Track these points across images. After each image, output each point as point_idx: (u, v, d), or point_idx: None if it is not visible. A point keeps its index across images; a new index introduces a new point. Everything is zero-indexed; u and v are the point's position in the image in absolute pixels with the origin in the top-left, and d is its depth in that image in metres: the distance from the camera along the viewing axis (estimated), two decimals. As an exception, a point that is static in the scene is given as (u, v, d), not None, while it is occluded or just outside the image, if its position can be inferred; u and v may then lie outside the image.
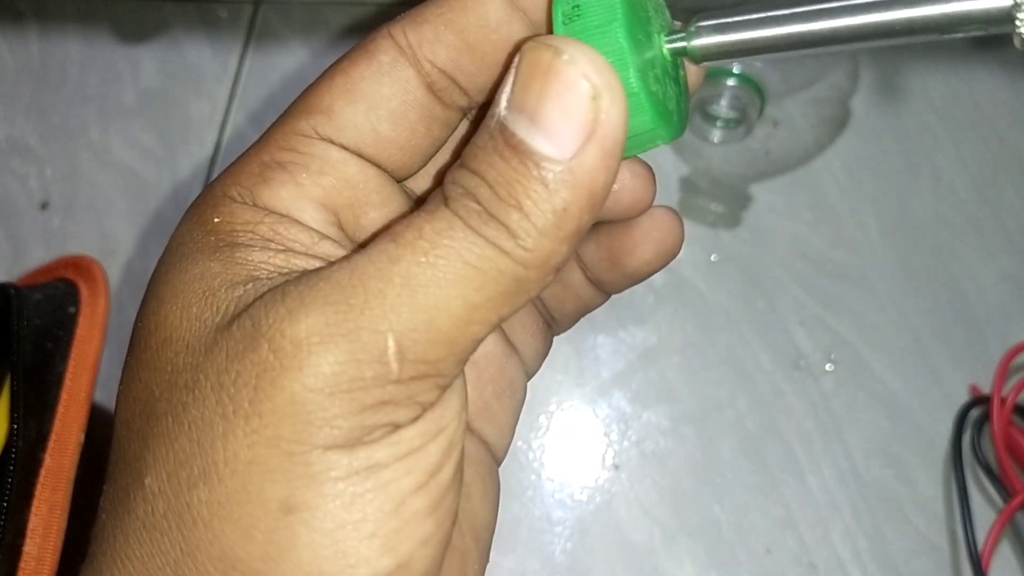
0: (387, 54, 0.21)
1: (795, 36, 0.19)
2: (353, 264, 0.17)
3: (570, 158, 0.17)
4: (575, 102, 0.17)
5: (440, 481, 0.18)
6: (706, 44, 0.20)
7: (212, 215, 0.20)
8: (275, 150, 0.21)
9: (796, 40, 0.19)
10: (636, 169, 0.24)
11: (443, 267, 0.17)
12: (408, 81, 0.21)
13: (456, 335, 0.17)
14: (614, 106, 0.17)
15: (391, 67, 0.21)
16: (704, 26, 0.19)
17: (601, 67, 0.17)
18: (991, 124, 0.46)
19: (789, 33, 0.19)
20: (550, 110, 0.17)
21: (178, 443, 0.17)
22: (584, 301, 0.28)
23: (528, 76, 0.17)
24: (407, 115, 0.21)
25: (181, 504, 0.17)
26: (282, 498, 0.17)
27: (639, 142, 0.19)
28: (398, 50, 0.21)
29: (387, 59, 0.21)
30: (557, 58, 0.17)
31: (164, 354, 0.18)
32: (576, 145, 0.17)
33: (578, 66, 0.17)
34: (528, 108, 0.17)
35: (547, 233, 0.17)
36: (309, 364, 0.16)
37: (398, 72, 0.21)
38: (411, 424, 0.18)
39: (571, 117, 0.17)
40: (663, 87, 0.20)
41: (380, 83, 0.21)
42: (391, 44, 0.21)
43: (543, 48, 0.17)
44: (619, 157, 0.18)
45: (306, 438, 0.17)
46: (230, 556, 0.17)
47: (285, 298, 0.17)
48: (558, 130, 0.17)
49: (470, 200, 0.17)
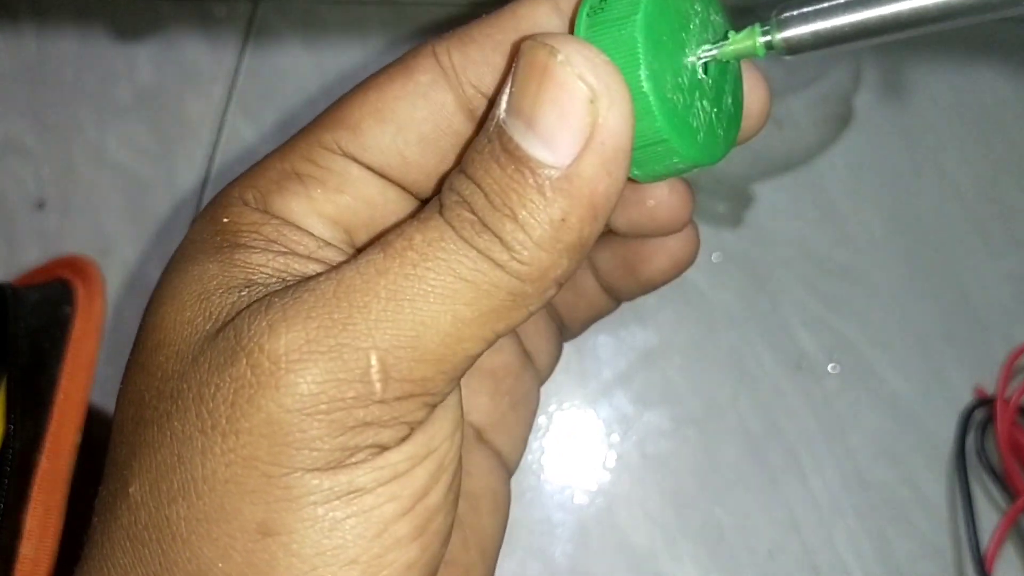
0: (426, 74, 0.19)
1: (893, 17, 0.16)
2: (340, 275, 0.17)
3: (568, 165, 0.16)
4: (571, 105, 0.16)
5: (428, 505, 0.17)
6: (795, 35, 0.17)
7: (222, 215, 0.20)
8: (296, 159, 0.20)
9: (894, 21, 0.16)
10: (674, 185, 0.23)
11: (432, 280, 0.16)
12: (445, 105, 0.19)
13: (445, 353, 0.16)
14: (613, 109, 0.16)
15: (429, 88, 0.19)
16: (790, 16, 0.17)
17: (600, 67, 0.16)
18: (996, 122, 0.46)
19: (886, 14, 0.16)
20: (546, 114, 0.16)
21: (160, 454, 0.17)
22: (596, 308, 0.28)
23: (525, 78, 0.16)
24: (439, 142, 0.20)
25: (161, 517, 0.17)
26: (260, 520, 0.16)
27: (654, 156, 0.18)
28: (439, 71, 0.19)
29: (426, 79, 0.19)
30: (552, 58, 0.16)
31: (156, 358, 0.18)
32: (574, 151, 0.16)
33: (574, 66, 0.16)
34: (524, 111, 0.16)
35: (544, 245, 0.16)
36: (286, 383, 0.16)
37: (436, 95, 0.19)
38: (398, 446, 0.17)
39: (567, 121, 0.16)
40: (687, 98, 0.18)
41: (414, 105, 0.19)
42: (432, 64, 0.19)
43: (539, 47, 0.16)
44: (624, 165, 0.16)
45: (284, 460, 0.16)
46: (207, 574, 0.16)
47: (268, 310, 0.16)
48: (554, 135, 0.16)
49: (465, 209, 0.16)
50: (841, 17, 0.17)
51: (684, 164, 0.18)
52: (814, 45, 0.17)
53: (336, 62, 0.48)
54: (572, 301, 0.28)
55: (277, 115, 0.47)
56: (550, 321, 0.28)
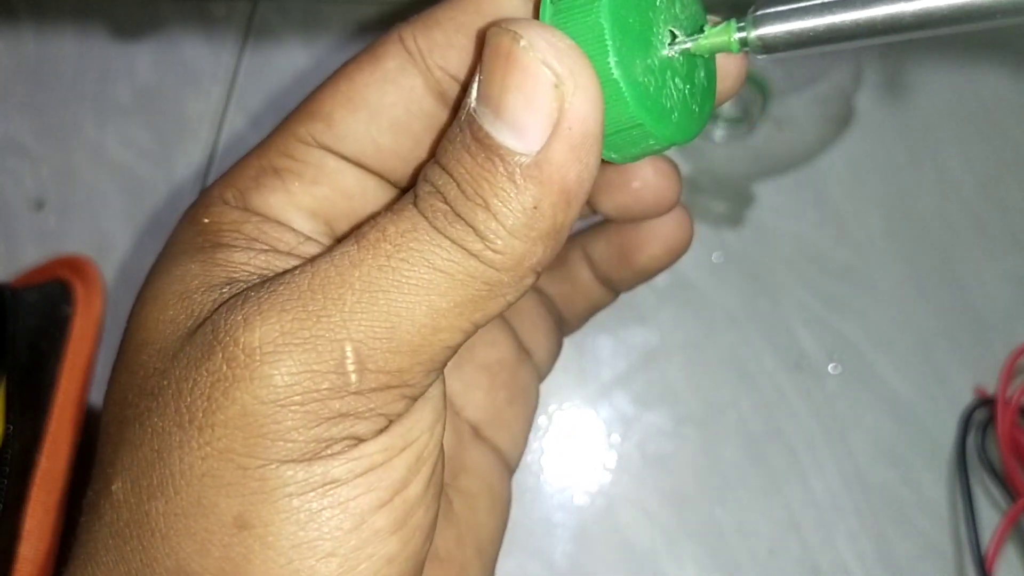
0: (394, 59, 0.20)
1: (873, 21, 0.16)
2: (315, 267, 0.17)
3: (537, 152, 0.16)
4: (536, 91, 0.16)
5: (406, 498, 0.17)
6: (771, 34, 0.17)
7: (203, 216, 0.20)
8: (273, 155, 0.20)
9: (874, 26, 0.16)
10: (659, 166, 0.23)
11: (406, 271, 0.16)
12: (414, 89, 0.20)
13: (421, 343, 0.16)
14: (579, 93, 0.16)
15: (397, 74, 0.19)
16: (766, 14, 0.17)
17: (563, 51, 0.16)
18: (996, 122, 0.46)
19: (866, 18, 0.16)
20: (512, 100, 0.16)
21: (141, 451, 0.17)
22: (593, 300, 0.28)
23: (490, 65, 0.16)
24: (411, 125, 0.20)
25: (141, 513, 0.17)
26: (236, 513, 0.16)
27: (629, 140, 0.18)
28: (406, 56, 0.19)
29: (393, 65, 0.20)
30: (515, 43, 0.16)
31: (139, 357, 0.18)
32: (542, 137, 0.16)
33: (537, 51, 0.16)
34: (492, 99, 0.16)
35: (517, 233, 0.16)
36: (261, 375, 0.16)
37: (404, 80, 0.20)
38: (374, 438, 0.17)
39: (533, 107, 0.16)
40: (658, 80, 0.18)
41: (384, 91, 0.20)
42: (399, 49, 0.20)
43: (502, 34, 0.16)
44: (594, 150, 0.16)
45: (259, 452, 0.16)
46: (185, 570, 0.16)
47: (244, 304, 0.16)
48: (522, 122, 0.16)
49: (438, 199, 0.16)
50: (818, 19, 0.17)
51: (661, 144, 0.18)
52: (789, 45, 0.17)
53: (336, 62, 0.47)
54: (568, 294, 0.28)
55: (276, 114, 0.47)
56: (547, 315, 0.28)
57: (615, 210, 0.24)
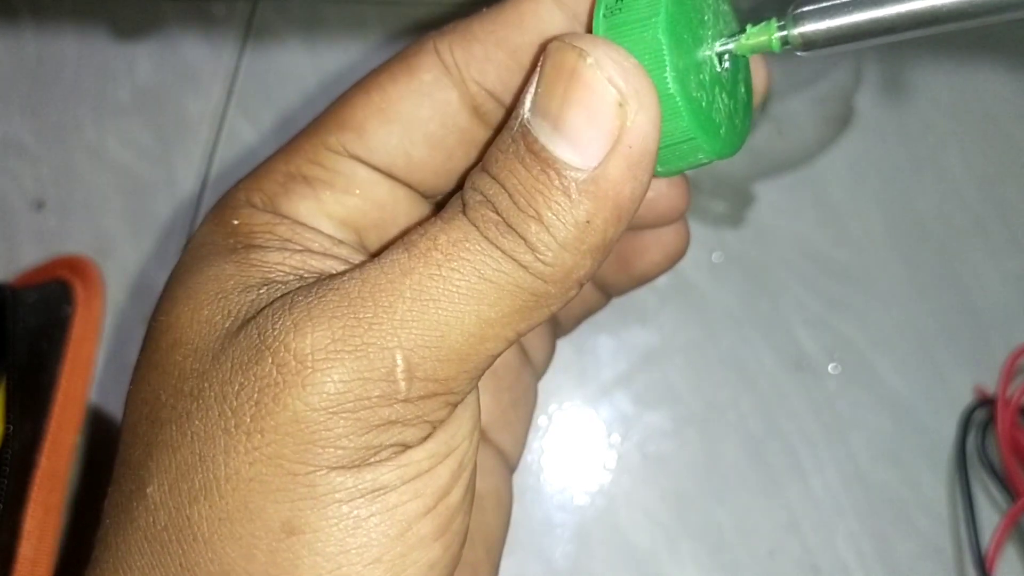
0: (430, 72, 0.19)
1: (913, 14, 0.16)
2: (364, 274, 0.17)
3: (594, 167, 0.16)
4: (600, 108, 0.16)
5: (449, 504, 0.17)
6: (811, 31, 0.17)
7: (231, 217, 0.20)
8: (302, 162, 0.20)
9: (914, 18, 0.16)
10: (673, 177, 0.24)
11: (457, 281, 0.16)
12: (449, 104, 0.19)
13: (469, 352, 0.16)
14: (642, 113, 0.16)
15: (432, 87, 0.19)
16: (807, 11, 0.17)
17: (629, 70, 0.16)
18: (996, 122, 0.46)
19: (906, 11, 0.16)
20: (574, 116, 0.16)
21: (180, 454, 0.17)
22: (588, 304, 0.28)
23: (552, 79, 0.16)
24: (445, 140, 0.20)
25: (182, 518, 0.17)
26: (284, 519, 0.16)
27: (678, 154, 0.18)
28: (442, 68, 0.19)
29: (429, 78, 0.19)
30: (581, 60, 0.16)
31: (172, 357, 0.18)
32: (601, 154, 0.16)
33: (604, 69, 0.16)
34: (551, 113, 0.16)
35: (568, 246, 0.16)
36: (313, 381, 0.16)
37: (440, 93, 0.19)
38: (420, 444, 0.17)
39: (595, 124, 0.16)
40: (709, 95, 0.18)
41: (419, 104, 0.19)
42: (435, 61, 0.19)
43: (568, 49, 0.16)
44: (649, 168, 0.16)
45: (309, 458, 0.16)
46: (230, 575, 0.16)
47: (292, 309, 0.17)
48: (582, 137, 0.16)
49: (488, 209, 0.16)
50: (858, 14, 0.17)
51: (708, 159, 0.18)
52: (830, 41, 0.17)
53: (336, 61, 0.48)
54: None
55: (277, 115, 0.47)
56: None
57: None
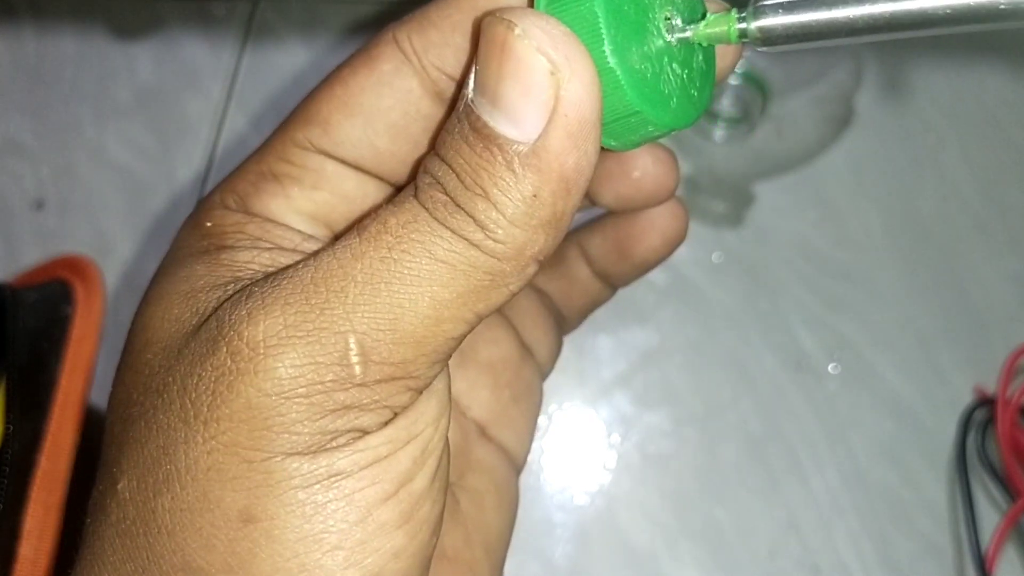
0: (389, 62, 0.19)
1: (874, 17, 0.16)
2: (317, 261, 0.17)
3: (535, 140, 0.16)
4: (532, 79, 0.15)
5: (412, 491, 0.17)
6: (771, 25, 0.17)
7: (205, 220, 0.20)
8: (272, 160, 0.20)
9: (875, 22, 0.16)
10: (658, 154, 0.23)
11: (408, 263, 0.16)
12: (410, 91, 0.19)
13: (425, 335, 0.16)
14: (575, 81, 0.15)
15: (392, 76, 0.19)
16: (768, 5, 0.17)
17: (558, 38, 0.16)
18: (996, 122, 0.46)
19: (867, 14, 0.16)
20: (509, 89, 0.16)
21: (147, 448, 0.17)
22: (592, 296, 0.28)
23: (486, 54, 0.16)
24: (409, 128, 0.20)
25: (148, 511, 0.17)
26: (241, 507, 0.16)
27: (628, 127, 0.17)
28: (401, 57, 0.19)
29: (389, 67, 0.19)
30: (510, 32, 0.16)
31: (144, 356, 0.18)
32: (539, 125, 0.16)
33: (532, 39, 0.15)
34: (489, 89, 0.16)
35: (518, 222, 0.16)
36: (265, 367, 0.16)
37: (400, 82, 0.19)
38: (379, 430, 0.17)
39: (530, 95, 0.15)
40: (656, 66, 0.17)
41: (380, 95, 0.19)
42: (394, 51, 0.19)
43: (497, 23, 0.16)
44: (592, 136, 0.16)
45: (264, 445, 0.16)
46: (191, 565, 0.16)
47: (248, 299, 0.17)
48: (518, 110, 0.16)
49: (437, 190, 0.16)
50: (819, 12, 0.16)
51: (660, 131, 0.18)
52: (789, 38, 0.17)
53: (335, 61, 0.47)
54: (567, 291, 0.28)
55: (276, 114, 0.47)
56: (547, 313, 0.28)
57: (615, 200, 0.24)
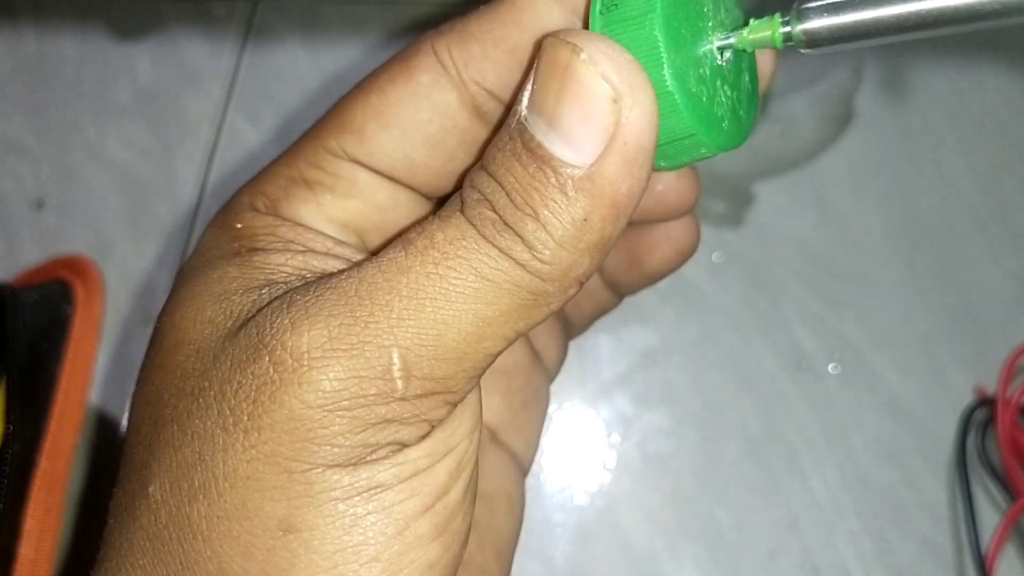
0: (427, 74, 0.19)
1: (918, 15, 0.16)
2: (362, 273, 0.17)
3: (590, 164, 0.16)
4: (594, 105, 0.16)
5: (448, 503, 0.17)
6: (816, 27, 0.17)
7: (235, 221, 0.20)
8: (303, 166, 0.20)
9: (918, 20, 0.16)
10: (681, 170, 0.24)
11: (454, 279, 0.16)
12: (448, 105, 0.19)
13: (467, 351, 0.16)
14: (637, 109, 0.16)
15: (431, 89, 0.19)
16: (811, 7, 0.17)
17: (623, 66, 0.16)
18: (997, 122, 0.46)
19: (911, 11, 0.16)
20: (568, 113, 0.16)
21: (181, 452, 0.17)
22: (600, 303, 0.28)
23: (547, 76, 0.16)
24: (445, 141, 0.20)
25: (182, 516, 0.17)
26: (281, 517, 0.16)
27: (680, 149, 0.18)
28: (440, 70, 0.19)
29: (427, 79, 0.19)
30: (575, 56, 0.16)
31: (175, 357, 0.18)
32: (596, 151, 0.16)
33: (597, 65, 0.16)
34: (547, 110, 0.16)
35: (566, 245, 0.16)
36: (309, 379, 0.16)
37: (438, 95, 0.19)
38: (418, 443, 0.17)
39: (590, 121, 0.16)
40: (710, 89, 0.18)
41: (417, 107, 0.19)
42: (433, 63, 0.19)
43: (561, 46, 0.16)
44: (647, 164, 0.16)
45: (305, 456, 0.16)
46: (228, 573, 0.16)
47: (290, 308, 0.17)
48: (577, 134, 0.16)
49: (486, 207, 0.16)
50: (863, 12, 0.16)
51: (712, 153, 0.18)
52: (834, 39, 0.17)
53: (336, 62, 0.48)
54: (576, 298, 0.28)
55: (277, 114, 0.47)
56: (556, 319, 0.28)
57: (637, 213, 0.24)
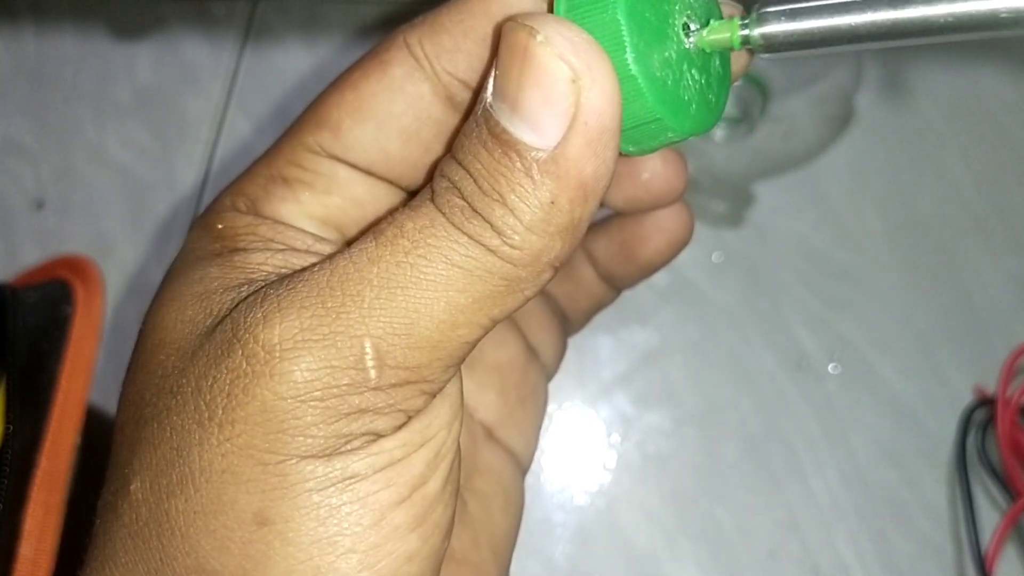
0: (401, 67, 0.19)
1: (881, 25, 0.16)
2: (333, 264, 0.17)
3: (554, 147, 0.16)
4: (553, 86, 0.15)
5: (425, 494, 0.17)
6: (774, 32, 0.17)
7: (216, 222, 0.20)
8: (282, 164, 0.20)
9: (879, 30, 0.16)
10: (667, 156, 0.23)
11: (424, 267, 0.16)
12: (422, 97, 0.19)
13: (440, 339, 0.16)
14: (595, 89, 0.15)
15: (404, 81, 0.19)
16: (772, 12, 0.17)
17: (580, 46, 0.15)
18: (996, 122, 0.46)
19: (871, 21, 0.16)
20: (529, 96, 0.16)
21: (160, 450, 0.17)
22: (597, 298, 0.28)
23: (507, 60, 0.16)
24: (420, 133, 0.20)
25: (161, 512, 0.17)
26: (256, 510, 0.16)
27: (646, 134, 0.17)
28: (413, 62, 0.19)
29: (400, 72, 0.19)
30: (532, 39, 0.15)
31: (156, 357, 0.18)
32: (559, 132, 0.15)
33: (554, 46, 0.15)
34: (509, 95, 0.16)
35: (535, 229, 0.16)
36: (281, 371, 0.16)
37: (411, 87, 0.19)
38: (393, 434, 0.17)
39: (550, 102, 0.15)
40: (676, 72, 0.17)
41: (391, 100, 0.19)
42: (405, 55, 0.19)
43: (519, 29, 0.16)
44: (611, 144, 0.16)
45: (279, 447, 0.16)
46: (205, 568, 0.16)
47: (263, 302, 0.17)
48: (539, 117, 0.15)
49: (455, 194, 0.16)
50: (823, 20, 0.16)
51: (680, 137, 0.18)
52: (792, 45, 0.17)
53: (336, 62, 0.48)
54: (572, 292, 0.28)
55: (276, 114, 0.47)
56: (552, 315, 0.28)
57: (624, 202, 0.24)
